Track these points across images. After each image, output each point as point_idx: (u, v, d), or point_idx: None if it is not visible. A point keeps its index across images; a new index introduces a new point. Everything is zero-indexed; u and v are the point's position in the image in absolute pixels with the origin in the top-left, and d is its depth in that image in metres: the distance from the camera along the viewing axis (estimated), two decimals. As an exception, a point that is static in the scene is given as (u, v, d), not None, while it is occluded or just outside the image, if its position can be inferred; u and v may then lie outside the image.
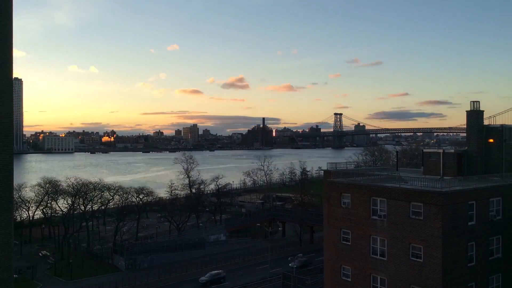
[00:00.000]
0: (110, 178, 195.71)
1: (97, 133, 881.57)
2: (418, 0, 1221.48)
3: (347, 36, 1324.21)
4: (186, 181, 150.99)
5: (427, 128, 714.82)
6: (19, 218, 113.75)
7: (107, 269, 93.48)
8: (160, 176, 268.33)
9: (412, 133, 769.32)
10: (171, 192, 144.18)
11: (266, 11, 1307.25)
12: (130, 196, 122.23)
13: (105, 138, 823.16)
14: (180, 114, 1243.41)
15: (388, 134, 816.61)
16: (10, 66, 20.50)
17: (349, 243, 44.65)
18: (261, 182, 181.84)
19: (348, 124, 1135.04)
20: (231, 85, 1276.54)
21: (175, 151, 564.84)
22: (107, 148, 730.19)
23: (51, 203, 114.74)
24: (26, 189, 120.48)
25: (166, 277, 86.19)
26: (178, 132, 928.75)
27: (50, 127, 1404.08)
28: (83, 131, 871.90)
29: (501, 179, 43.65)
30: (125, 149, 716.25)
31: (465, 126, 51.95)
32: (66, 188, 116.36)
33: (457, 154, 49.08)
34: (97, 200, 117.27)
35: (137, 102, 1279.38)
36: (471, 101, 49.53)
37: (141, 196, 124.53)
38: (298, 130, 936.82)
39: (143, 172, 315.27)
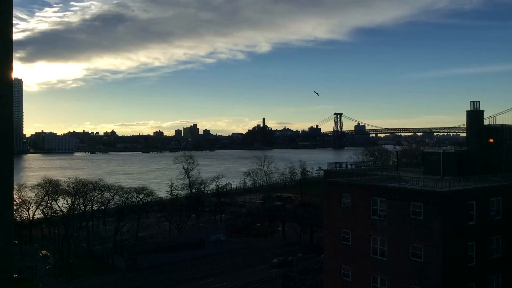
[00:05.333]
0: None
1: (97, 133, 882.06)
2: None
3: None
4: (186, 181, 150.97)
5: (427, 128, 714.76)
6: (19, 218, 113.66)
7: (107, 269, 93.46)
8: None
9: (412, 133, 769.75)
10: (171, 192, 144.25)
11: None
12: (130, 196, 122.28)
13: (105, 139, 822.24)
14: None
15: (388, 134, 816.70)
16: (11, 66, 20.48)
17: (349, 243, 44.65)
18: (261, 182, 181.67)
19: (348, 124, 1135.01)
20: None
21: (175, 151, 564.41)
22: (107, 148, 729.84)
23: (51, 203, 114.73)
24: (26, 189, 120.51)
25: (166, 277, 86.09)
26: (178, 132, 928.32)
27: (50, 127, 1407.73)
28: (83, 131, 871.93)
29: (501, 179, 43.66)
30: (125, 149, 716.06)
31: (465, 126, 51.94)
32: (66, 188, 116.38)
33: (457, 154, 49.06)
34: (97, 200, 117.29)
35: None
36: (471, 101, 49.54)
37: (141, 196, 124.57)
38: (298, 130, 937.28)
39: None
